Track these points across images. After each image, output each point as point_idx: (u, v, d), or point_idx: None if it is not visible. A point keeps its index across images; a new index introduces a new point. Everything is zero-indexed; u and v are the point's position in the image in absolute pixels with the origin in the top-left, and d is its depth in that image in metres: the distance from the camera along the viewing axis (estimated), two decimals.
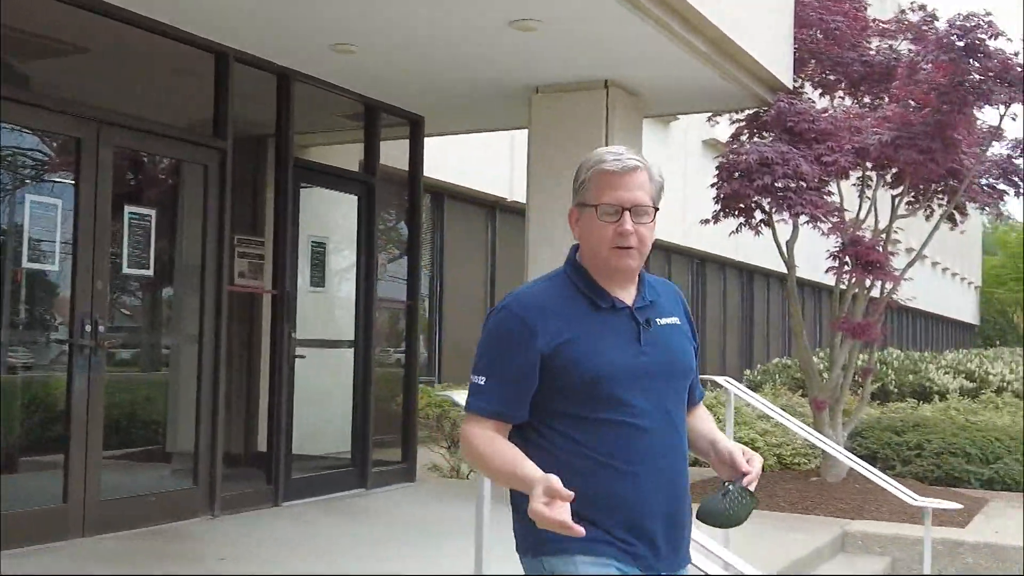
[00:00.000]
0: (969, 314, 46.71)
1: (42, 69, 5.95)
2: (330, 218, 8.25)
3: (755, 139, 8.49)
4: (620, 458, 2.27)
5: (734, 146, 8.48)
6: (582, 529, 2.06)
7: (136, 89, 6.63)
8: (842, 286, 8.56)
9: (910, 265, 8.58)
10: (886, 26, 9.20)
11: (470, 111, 8.48)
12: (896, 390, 15.86)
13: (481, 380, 2.34)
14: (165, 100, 6.86)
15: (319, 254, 7.85)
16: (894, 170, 8.40)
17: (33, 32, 5.77)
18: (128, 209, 6.27)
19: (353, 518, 6.87)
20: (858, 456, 7.54)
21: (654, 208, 2.36)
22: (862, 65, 8.69)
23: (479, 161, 12.11)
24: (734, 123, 8.98)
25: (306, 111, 7.56)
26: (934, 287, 35.65)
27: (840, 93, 9.13)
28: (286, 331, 7.23)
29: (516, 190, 11.87)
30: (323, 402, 8.08)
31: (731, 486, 2.29)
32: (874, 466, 7.14)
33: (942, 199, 8.84)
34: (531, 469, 2.19)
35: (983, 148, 8.58)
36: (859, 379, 9.06)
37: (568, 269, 2.42)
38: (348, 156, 8.35)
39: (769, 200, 7.87)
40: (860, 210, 8.65)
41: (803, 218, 7.96)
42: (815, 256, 8.49)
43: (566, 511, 2.06)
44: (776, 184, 7.63)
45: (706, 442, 2.47)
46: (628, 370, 2.31)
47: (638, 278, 2.42)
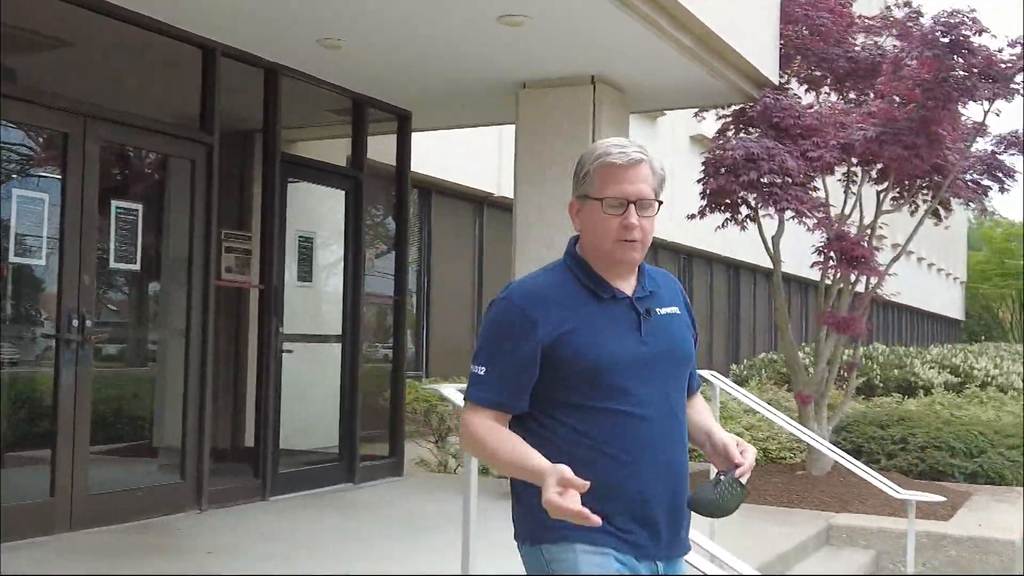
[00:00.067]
0: (954, 309, 46.93)
1: (29, 64, 5.94)
2: (317, 213, 8.25)
3: (741, 135, 8.52)
4: (621, 447, 2.28)
5: (720, 142, 8.50)
6: (598, 518, 2.06)
7: (123, 84, 6.62)
8: (827, 281, 8.60)
9: (895, 260, 8.64)
10: (871, 22, 9.25)
11: (458, 106, 8.49)
12: (881, 385, 15.96)
13: (481, 370, 2.34)
14: (152, 95, 6.85)
15: (306, 249, 7.86)
16: (879, 166, 8.45)
17: (19, 27, 5.75)
18: (115, 204, 6.27)
19: (341, 512, 6.89)
20: (843, 450, 7.58)
21: (657, 200, 2.38)
22: (847, 61, 8.73)
23: (466, 156, 12.12)
24: (721, 119, 9.02)
25: (293, 106, 7.56)
26: (920, 283, 35.83)
27: (826, 89, 9.17)
28: (273, 326, 7.24)
29: (504, 185, 11.89)
30: (310, 397, 8.09)
31: (723, 477, 2.31)
32: (859, 460, 7.19)
33: (927, 195, 8.89)
34: (540, 460, 2.20)
35: (967, 144, 8.63)
36: (844, 374, 9.12)
37: (568, 260, 2.43)
38: (335, 151, 8.35)
39: (755, 195, 7.90)
40: (845, 206, 8.70)
41: (789, 213, 8.00)
42: (801, 251, 8.53)
43: (578, 500, 2.07)
44: (762, 179, 7.67)
45: (702, 433, 2.49)
46: (629, 359, 2.32)
47: (637, 269, 2.43)
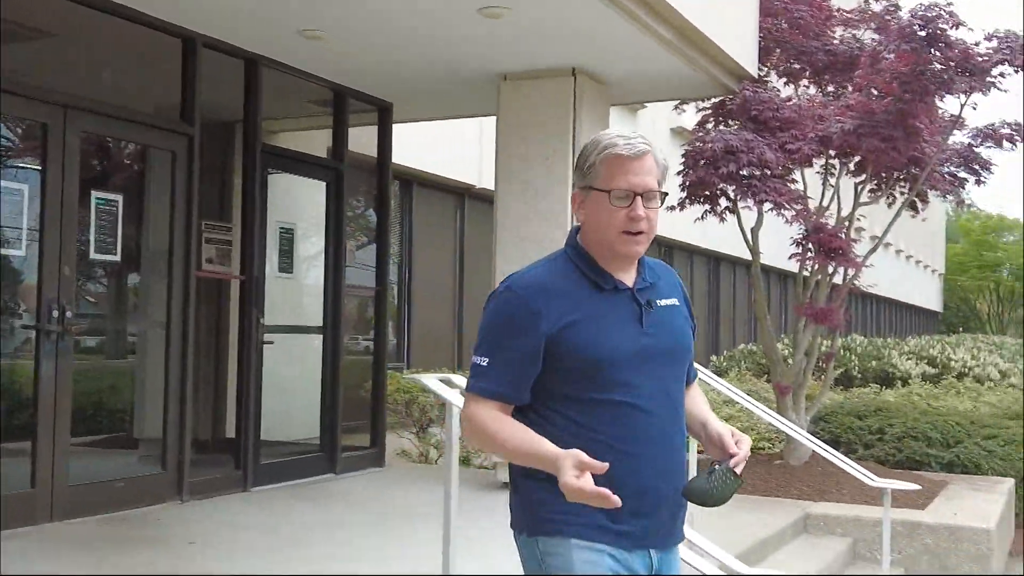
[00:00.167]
0: (933, 301, 47.26)
1: (8, 54, 5.91)
2: (298, 204, 8.25)
3: (721, 127, 8.57)
4: (623, 439, 2.28)
5: (700, 134, 8.55)
6: (617, 499, 2.07)
7: (103, 74, 6.60)
8: (805, 273, 8.67)
9: (872, 252, 8.71)
10: (850, 15, 9.32)
11: (438, 98, 8.50)
12: (859, 376, 16.09)
13: (484, 361, 2.33)
14: (132, 85, 6.83)
15: (287, 240, 7.85)
16: (857, 158, 8.51)
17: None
18: (95, 195, 6.26)
19: (322, 503, 6.91)
20: (821, 440, 7.66)
21: (661, 192, 2.37)
22: (826, 54, 8.79)
23: (448, 148, 12.13)
24: (700, 111, 9.06)
25: (274, 97, 7.56)
26: (898, 275, 36.06)
27: (804, 82, 9.23)
28: (254, 317, 7.25)
29: (485, 177, 11.91)
30: (292, 388, 8.10)
31: (718, 466, 2.32)
32: (837, 450, 7.27)
33: (904, 187, 8.97)
34: (551, 446, 2.20)
35: (944, 137, 8.71)
36: (822, 364, 9.19)
37: (569, 251, 2.43)
38: (316, 142, 8.35)
39: (734, 187, 7.96)
40: (823, 198, 8.77)
41: (767, 205, 8.05)
42: (780, 243, 8.59)
43: (592, 483, 2.09)
44: (741, 172, 7.73)
45: (698, 423, 2.50)
46: (631, 352, 2.32)
47: (638, 260, 2.43)
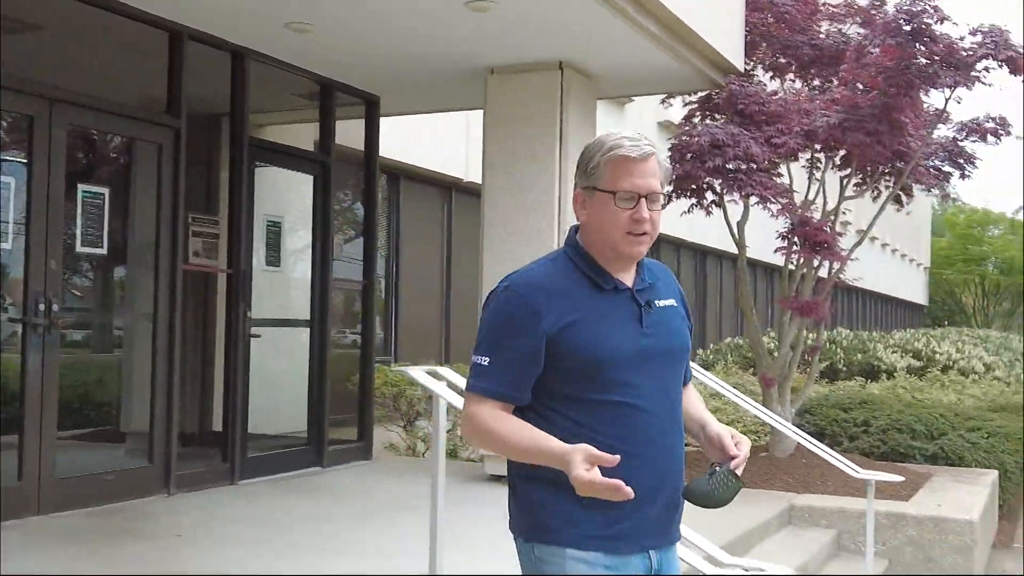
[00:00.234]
0: (918, 295, 47.47)
1: None
2: (285, 197, 8.25)
3: (707, 121, 8.60)
4: (623, 439, 2.27)
5: (686, 128, 8.58)
6: (630, 490, 2.08)
7: (89, 67, 6.59)
8: (791, 266, 8.71)
9: (857, 245, 8.76)
10: (835, 10, 9.35)
11: (426, 91, 8.51)
12: (845, 369, 16.17)
13: (485, 361, 2.32)
14: (118, 78, 6.82)
15: (274, 233, 7.85)
16: (842, 152, 8.56)
17: None
18: (81, 188, 6.25)
19: (309, 496, 6.92)
20: (806, 432, 7.71)
21: (664, 194, 2.38)
22: (811, 48, 8.82)
23: (435, 141, 12.13)
24: (687, 105, 9.09)
25: (261, 90, 7.55)
26: (884, 268, 36.21)
27: (790, 76, 9.26)
28: (241, 310, 7.24)
29: (472, 171, 11.92)
30: (279, 381, 8.10)
31: (718, 468, 2.32)
32: (822, 442, 7.31)
33: (889, 180, 9.01)
34: (557, 442, 2.20)
35: (929, 131, 8.76)
36: (807, 357, 9.24)
37: (569, 251, 2.42)
38: (303, 135, 8.34)
39: (720, 181, 7.99)
40: (809, 191, 8.81)
41: (753, 199, 8.08)
42: (766, 237, 8.63)
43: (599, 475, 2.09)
44: (727, 165, 7.76)
45: (696, 424, 2.50)
46: (632, 352, 2.32)
47: (637, 261, 2.43)
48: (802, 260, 8.52)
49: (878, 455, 9.14)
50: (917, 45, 7.89)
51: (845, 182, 8.88)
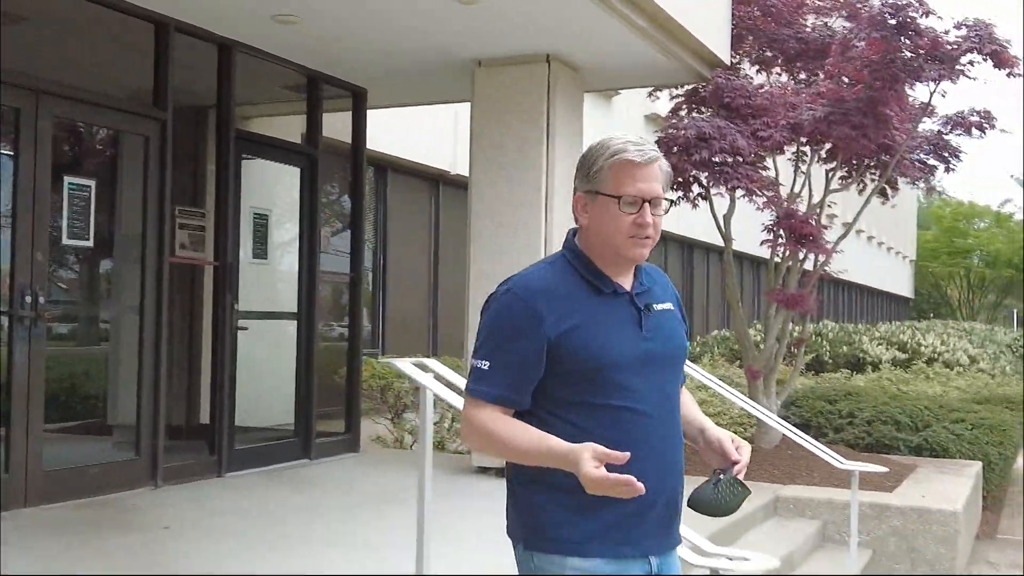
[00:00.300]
0: (904, 287, 47.67)
1: None
2: (272, 190, 8.24)
3: (694, 114, 8.63)
4: (624, 444, 2.22)
5: (673, 121, 8.60)
6: (641, 485, 2.06)
7: (76, 59, 6.57)
8: (777, 259, 8.75)
9: (842, 238, 8.80)
10: (821, 3, 9.37)
11: (413, 84, 8.51)
12: (831, 361, 16.25)
13: (485, 365, 2.30)
14: (105, 70, 6.81)
15: (261, 226, 7.85)
16: (827, 145, 8.58)
17: None
18: (67, 180, 6.24)
19: (297, 488, 6.93)
20: (792, 424, 7.75)
21: (666, 199, 2.38)
22: (797, 42, 8.85)
23: (422, 134, 12.13)
24: (674, 99, 9.11)
25: (248, 82, 7.54)
26: (870, 261, 36.34)
27: (776, 69, 9.29)
28: (228, 303, 7.24)
29: (460, 163, 11.92)
30: (266, 374, 8.11)
31: (723, 475, 2.32)
32: (807, 434, 7.35)
33: (874, 174, 9.05)
34: (562, 441, 2.19)
35: (914, 124, 8.80)
36: (793, 349, 9.29)
37: (568, 254, 2.41)
38: (290, 128, 8.34)
39: (706, 174, 8.01)
40: (795, 184, 8.84)
41: (739, 192, 8.12)
42: (753, 230, 8.66)
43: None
44: (713, 158, 7.78)
45: (694, 429, 2.49)
46: (632, 356, 2.32)
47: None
48: (788, 253, 8.56)
49: (863, 447, 9.20)
50: (902, 39, 7.92)
51: (830, 175, 8.92)
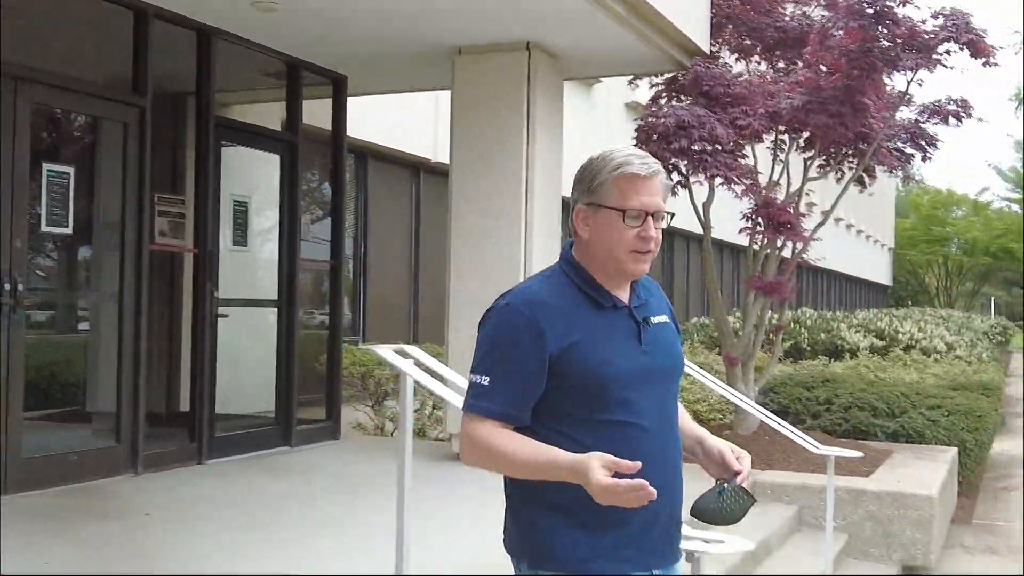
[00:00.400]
0: (883, 275, 47.96)
1: None
2: (252, 177, 8.23)
3: (673, 103, 8.65)
4: (627, 458, 2.17)
5: (653, 109, 8.63)
6: (654, 490, 2.05)
7: (54, 45, 6.54)
8: (755, 246, 8.80)
9: (820, 226, 8.86)
10: None
11: (393, 71, 8.50)
12: (809, 348, 16.36)
13: (485, 380, 2.27)
14: (84, 57, 6.78)
15: (241, 213, 7.84)
16: (806, 134, 8.64)
17: None
18: (46, 167, 6.21)
19: (277, 475, 6.95)
20: (770, 411, 7.80)
21: (667, 212, 2.37)
22: (776, 31, 8.89)
23: (403, 121, 12.12)
24: (654, 87, 9.14)
25: (227, 69, 7.52)
26: (849, 249, 36.55)
27: (756, 58, 9.33)
28: (208, 290, 7.24)
29: (440, 151, 11.92)
30: (247, 361, 8.11)
31: (727, 485, 2.32)
32: (785, 420, 7.41)
33: (852, 162, 9.11)
34: (568, 453, 2.16)
35: (891, 113, 8.85)
36: (771, 336, 9.35)
37: (565, 267, 2.39)
38: (270, 115, 8.32)
39: (686, 162, 8.04)
40: (773, 172, 8.89)
41: (718, 180, 8.15)
42: (732, 218, 8.71)
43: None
44: (692, 147, 7.80)
45: (693, 440, 2.48)
46: (633, 370, 2.31)
47: None
48: (766, 241, 8.61)
49: (840, 433, 9.28)
50: (880, 28, 7.97)
51: (809, 163, 8.97)
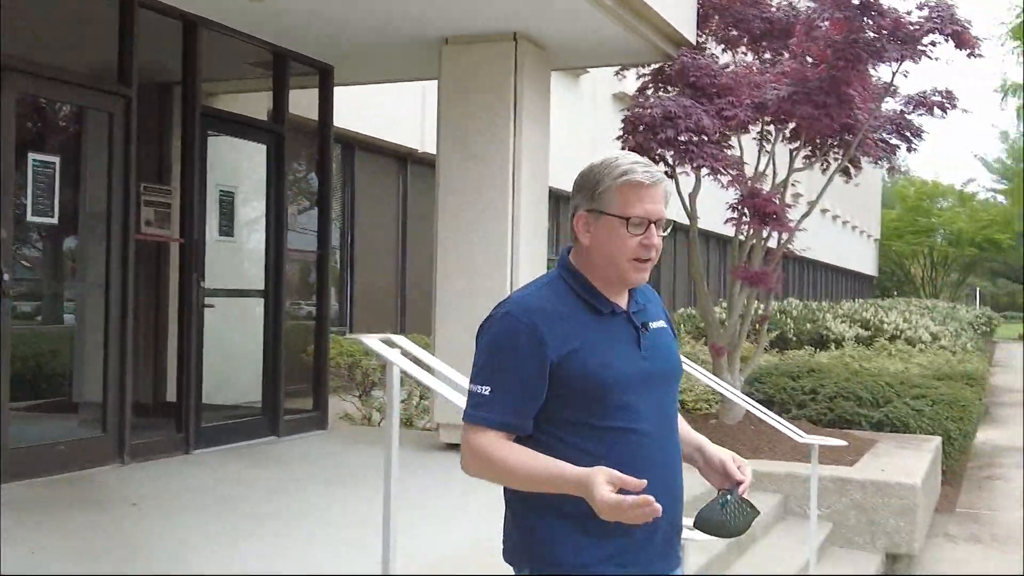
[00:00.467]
0: (868, 266, 48.14)
1: None
2: (239, 167, 8.22)
3: (660, 93, 8.67)
4: (628, 465, 2.17)
5: (640, 100, 8.64)
6: (659, 506, 2.04)
7: (39, 35, 6.51)
8: (741, 237, 8.84)
9: (805, 216, 8.90)
10: None
11: (380, 61, 8.49)
12: (795, 338, 16.42)
13: (485, 390, 2.26)
14: (69, 46, 6.75)
15: (228, 203, 7.83)
16: (791, 124, 8.67)
17: None
18: (32, 156, 6.19)
19: (264, 465, 6.95)
20: (755, 400, 7.85)
21: (669, 220, 2.37)
22: (763, 21, 8.91)
23: (390, 112, 12.10)
24: (641, 77, 9.15)
25: (213, 58, 7.50)
26: (835, 240, 36.68)
27: (742, 49, 9.35)
28: (194, 280, 7.23)
29: (427, 141, 11.91)
30: (234, 351, 8.10)
31: (730, 496, 2.30)
32: (771, 410, 7.45)
33: (837, 153, 9.15)
34: (573, 467, 2.15)
35: (877, 104, 8.89)
36: (757, 326, 9.39)
37: (563, 273, 2.38)
38: (257, 105, 8.30)
39: (672, 153, 8.06)
40: (759, 163, 8.92)
41: (704, 171, 8.18)
42: (719, 208, 8.74)
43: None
44: (679, 137, 7.82)
45: (692, 448, 2.47)
46: (633, 376, 2.31)
47: None
48: (752, 231, 8.65)
49: (825, 422, 9.34)
50: (865, 19, 8.00)
51: (794, 154, 9.00)
